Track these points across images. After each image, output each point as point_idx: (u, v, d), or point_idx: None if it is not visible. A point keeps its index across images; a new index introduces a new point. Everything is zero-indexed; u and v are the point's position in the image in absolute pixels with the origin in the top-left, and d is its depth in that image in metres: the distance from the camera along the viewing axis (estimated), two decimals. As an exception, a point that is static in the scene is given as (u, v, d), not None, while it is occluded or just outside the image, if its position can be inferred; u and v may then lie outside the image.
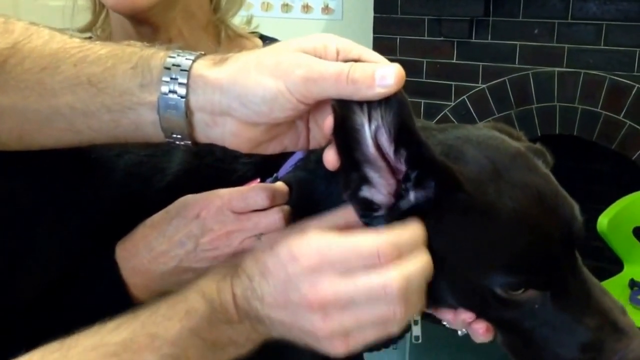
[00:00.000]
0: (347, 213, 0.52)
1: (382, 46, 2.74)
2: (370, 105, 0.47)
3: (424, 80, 2.72)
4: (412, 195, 0.50)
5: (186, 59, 0.51)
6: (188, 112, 0.51)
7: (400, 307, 0.47)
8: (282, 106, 0.49)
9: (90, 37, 0.78)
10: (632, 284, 2.25)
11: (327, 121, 0.49)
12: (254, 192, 0.60)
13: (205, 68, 0.51)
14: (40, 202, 0.61)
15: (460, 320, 0.53)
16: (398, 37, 2.72)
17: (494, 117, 2.62)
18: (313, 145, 0.56)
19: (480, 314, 0.52)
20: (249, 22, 0.89)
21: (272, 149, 0.55)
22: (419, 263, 0.48)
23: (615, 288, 2.26)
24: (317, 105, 0.52)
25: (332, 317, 0.47)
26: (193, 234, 0.60)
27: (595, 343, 0.49)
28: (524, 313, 0.50)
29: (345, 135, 0.49)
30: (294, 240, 0.49)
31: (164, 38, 0.72)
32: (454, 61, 2.66)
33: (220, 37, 0.79)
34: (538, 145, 0.57)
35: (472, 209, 0.49)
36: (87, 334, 0.50)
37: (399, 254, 0.47)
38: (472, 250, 0.49)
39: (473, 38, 2.59)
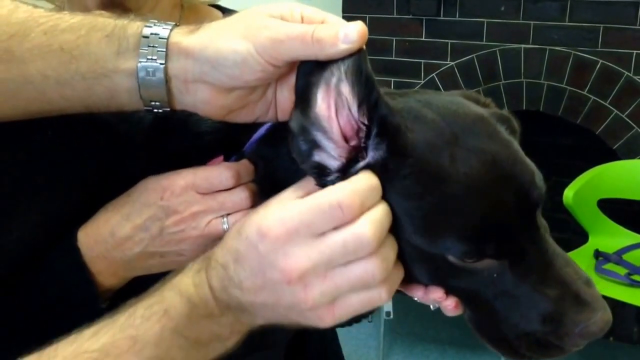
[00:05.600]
0: (306, 183, 0.51)
1: (351, 25, 2.72)
2: (332, 63, 0.48)
3: (393, 58, 2.72)
4: (370, 155, 0.49)
5: (163, 28, 0.52)
6: (167, 79, 0.52)
7: (377, 255, 0.46)
8: (252, 68, 0.50)
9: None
10: (597, 254, 2.28)
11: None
12: (219, 171, 0.59)
13: (181, 36, 0.52)
14: (20, 176, 0.60)
15: (430, 299, 0.52)
16: (367, 15, 2.71)
17: (463, 94, 2.63)
18: (281, 116, 0.56)
19: (439, 283, 0.51)
20: None
21: (243, 117, 0.55)
22: (384, 209, 0.47)
23: (581, 258, 2.29)
24: (287, 74, 0.53)
25: (312, 285, 0.46)
26: (157, 217, 0.58)
27: (555, 314, 0.47)
28: (482, 282, 0.49)
29: (299, 96, 0.49)
30: (259, 218, 0.48)
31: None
32: (423, 39, 2.66)
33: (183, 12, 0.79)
34: (504, 112, 0.56)
35: (423, 174, 0.47)
36: (66, 342, 0.49)
37: (361, 202, 0.46)
38: (424, 217, 0.47)
39: (441, 16, 2.60)
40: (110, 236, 0.59)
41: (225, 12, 0.82)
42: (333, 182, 0.49)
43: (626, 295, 2.07)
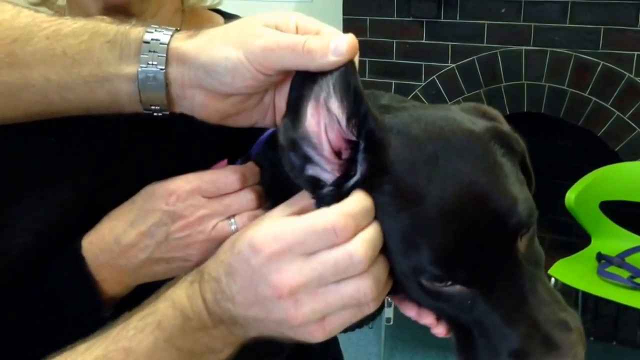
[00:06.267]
0: (300, 199, 0.51)
1: (352, 27, 2.73)
2: (322, 75, 0.48)
3: (393, 60, 2.72)
4: (359, 170, 0.48)
5: (164, 34, 0.53)
6: (167, 84, 0.53)
7: (368, 275, 0.46)
8: (243, 75, 0.50)
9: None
10: (600, 257, 2.28)
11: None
12: (225, 174, 0.59)
13: (180, 41, 0.53)
14: (21, 177, 0.60)
15: (422, 322, 0.52)
16: (368, 18, 2.71)
17: (464, 96, 2.64)
18: (280, 120, 0.56)
19: (425, 303, 0.51)
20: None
21: (240, 122, 0.56)
22: (375, 229, 0.47)
23: (583, 261, 2.29)
24: (284, 82, 0.53)
25: (303, 302, 0.46)
26: (163, 222, 0.58)
27: (521, 353, 0.46)
28: (457, 307, 0.48)
29: (290, 108, 0.49)
30: (252, 233, 0.48)
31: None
32: (423, 41, 2.66)
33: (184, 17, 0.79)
34: (506, 129, 0.53)
35: (398, 193, 0.47)
36: (59, 358, 0.49)
37: (355, 225, 0.46)
38: (398, 236, 0.47)
39: (442, 18, 2.59)
40: (115, 244, 0.59)
41: (227, 17, 0.82)
42: (328, 195, 0.49)
43: (629, 299, 2.06)
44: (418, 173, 0.46)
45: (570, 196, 2.25)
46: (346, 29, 2.76)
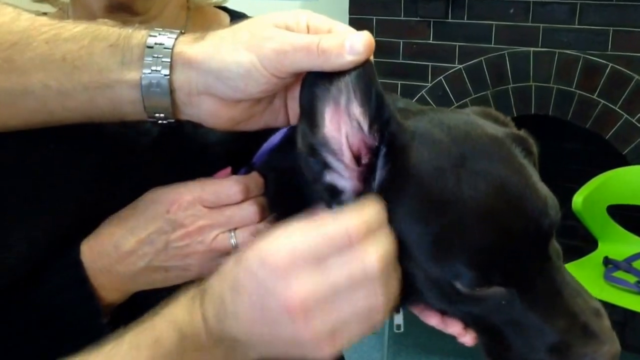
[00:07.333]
0: (313, 212, 0.49)
1: (358, 27, 2.66)
2: (339, 76, 0.46)
3: (400, 61, 2.70)
4: (377, 176, 0.47)
5: (168, 37, 0.51)
6: (171, 91, 0.50)
7: (382, 288, 0.45)
8: (256, 80, 0.48)
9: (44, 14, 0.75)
10: (607, 261, 2.26)
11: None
12: (227, 186, 0.58)
13: (185, 45, 0.50)
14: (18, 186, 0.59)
15: (449, 332, 0.51)
16: (374, 17, 2.70)
17: (471, 97, 2.63)
18: (294, 120, 0.55)
19: (449, 308, 0.50)
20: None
21: (251, 127, 0.54)
22: (389, 239, 0.46)
23: (590, 266, 2.28)
24: (295, 82, 0.51)
25: (315, 318, 0.44)
26: (163, 230, 0.57)
27: (562, 345, 0.47)
28: (490, 309, 0.48)
29: (305, 111, 0.47)
30: (260, 245, 0.46)
31: (135, 22, 0.70)
32: (431, 42, 2.65)
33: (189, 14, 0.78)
34: (521, 132, 0.53)
35: (427, 196, 0.46)
36: None
37: (368, 231, 0.44)
38: (430, 242, 0.46)
39: (449, 18, 2.58)
40: (114, 250, 0.58)
41: (232, 14, 0.81)
42: (344, 204, 0.47)
43: (636, 304, 2.05)
44: (446, 176, 0.46)
45: (577, 200, 2.23)
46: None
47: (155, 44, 0.50)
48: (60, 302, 0.59)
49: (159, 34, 0.51)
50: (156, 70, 0.50)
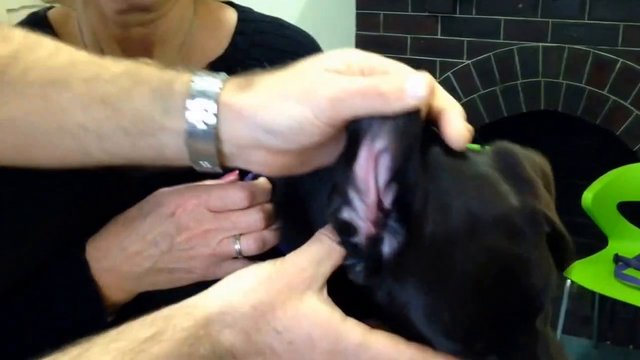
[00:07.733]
0: (322, 246, 0.48)
1: (365, 22, 2.71)
2: (383, 120, 0.44)
3: (408, 56, 2.69)
4: (387, 239, 0.46)
5: (212, 83, 0.48)
6: (217, 142, 0.48)
7: None
8: (310, 132, 0.45)
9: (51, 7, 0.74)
10: (617, 258, 2.25)
11: None
12: (233, 191, 0.57)
13: (232, 95, 0.48)
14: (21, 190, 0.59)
15: None
16: (382, 12, 2.69)
17: (479, 93, 2.61)
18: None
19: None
20: None
21: (304, 169, 0.52)
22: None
23: (600, 263, 2.27)
24: None
25: None
26: (168, 232, 0.57)
27: None
28: None
29: (348, 141, 0.45)
30: (308, 322, 0.45)
31: (147, 19, 0.70)
32: (439, 37, 2.64)
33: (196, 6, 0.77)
34: (541, 210, 0.51)
35: (431, 270, 0.45)
36: None
37: None
38: (424, 313, 0.46)
39: (457, 13, 2.57)
40: (119, 250, 0.58)
41: (238, 8, 0.80)
42: (357, 247, 0.46)
43: (646, 302, 2.04)
44: (454, 251, 0.45)
45: (587, 196, 2.23)
46: (359, 23, 2.74)
47: (198, 91, 0.48)
48: (65, 300, 0.59)
49: (202, 78, 0.48)
50: (201, 122, 0.47)
